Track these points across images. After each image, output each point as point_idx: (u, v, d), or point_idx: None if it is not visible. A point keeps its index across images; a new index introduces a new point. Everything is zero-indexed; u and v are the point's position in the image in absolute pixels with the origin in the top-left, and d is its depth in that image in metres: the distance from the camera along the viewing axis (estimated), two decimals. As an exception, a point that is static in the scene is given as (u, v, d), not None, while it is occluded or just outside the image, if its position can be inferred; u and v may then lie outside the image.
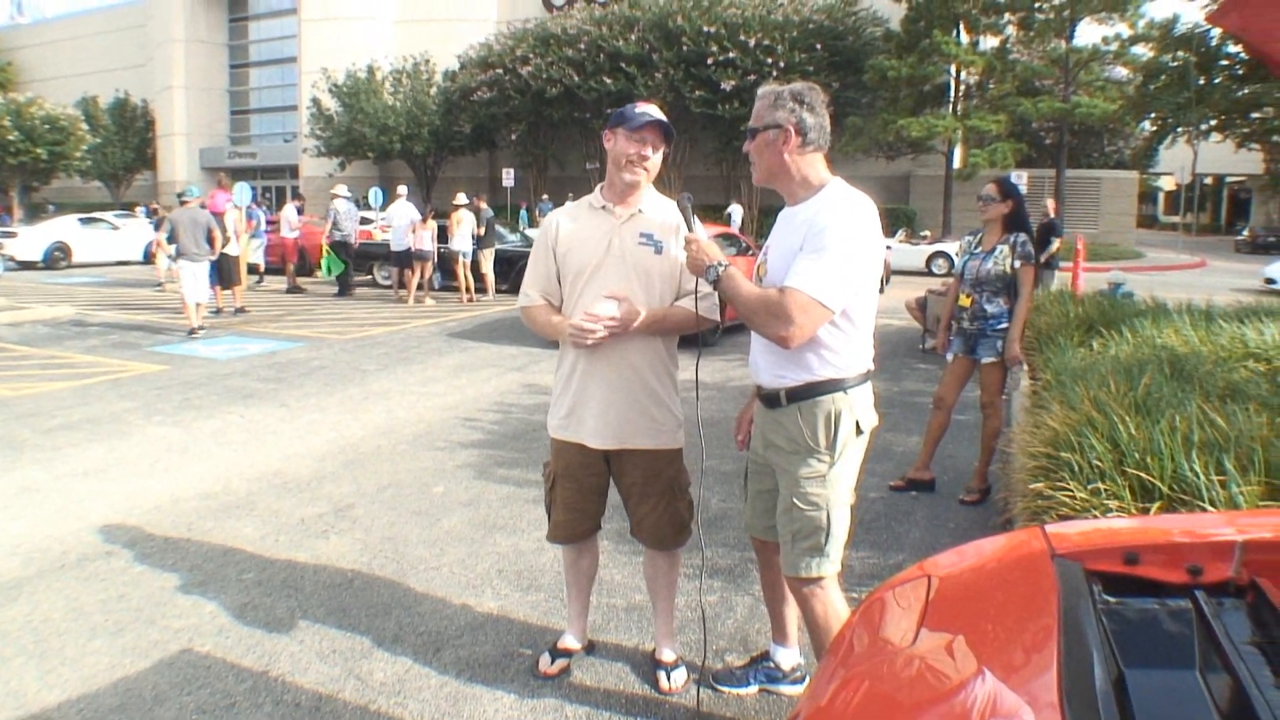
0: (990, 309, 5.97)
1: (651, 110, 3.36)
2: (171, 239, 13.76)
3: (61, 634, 4.20)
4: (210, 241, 13.86)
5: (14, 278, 23.02)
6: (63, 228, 28.17)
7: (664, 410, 3.51)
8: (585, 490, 3.63)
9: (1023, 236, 5.94)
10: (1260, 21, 2.33)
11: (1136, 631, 1.74)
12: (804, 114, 2.99)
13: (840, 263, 2.83)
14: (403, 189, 19.76)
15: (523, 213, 35.17)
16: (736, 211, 31.32)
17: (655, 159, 3.39)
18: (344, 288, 19.46)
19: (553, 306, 3.56)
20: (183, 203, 14.23)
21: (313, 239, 21.58)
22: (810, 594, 3.11)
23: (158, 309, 16.33)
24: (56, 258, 26.95)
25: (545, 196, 36.20)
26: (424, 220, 17.71)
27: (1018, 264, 5.88)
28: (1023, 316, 5.95)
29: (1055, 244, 14.88)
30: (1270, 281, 23.41)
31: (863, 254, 2.90)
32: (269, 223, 22.47)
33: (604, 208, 3.48)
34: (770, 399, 3.14)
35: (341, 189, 20.04)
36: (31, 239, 27.00)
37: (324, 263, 19.95)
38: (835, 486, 3.03)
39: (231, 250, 15.91)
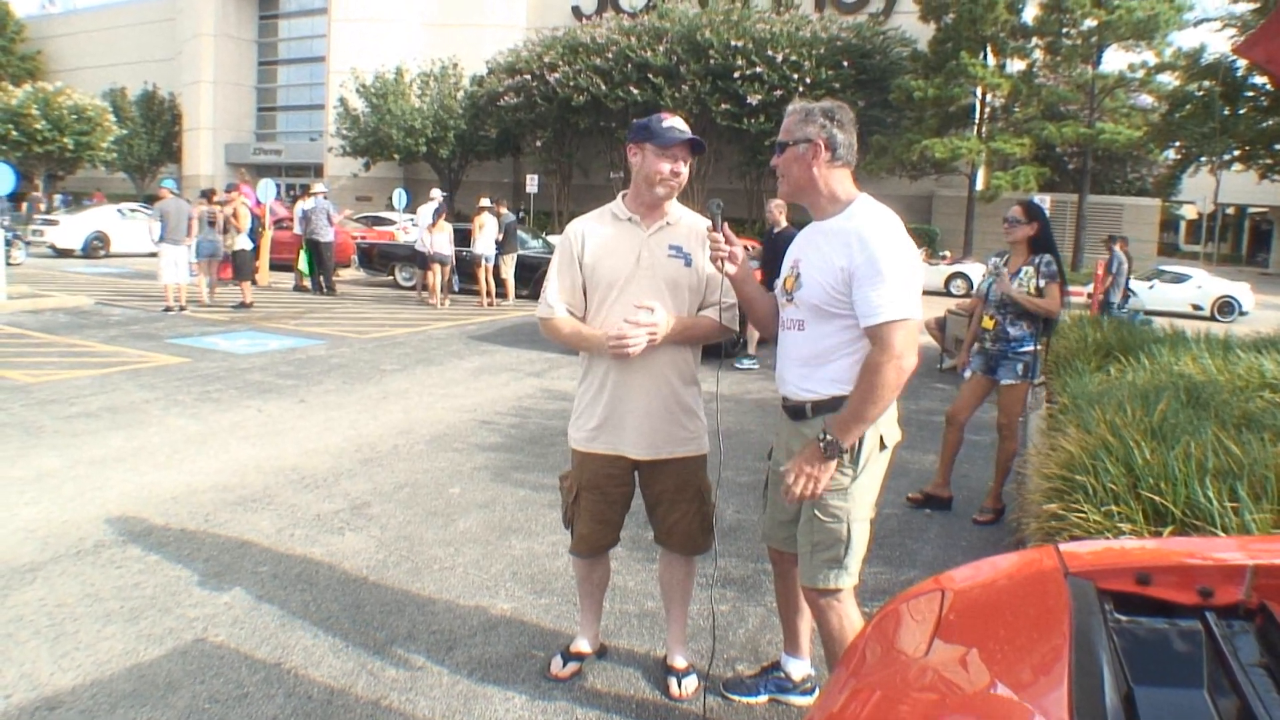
0: (1013, 331, 5.98)
1: (680, 126, 3.38)
2: (164, 229, 15.08)
3: (77, 619, 4.24)
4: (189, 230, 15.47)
5: (35, 265, 23.20)
6: (102, 217, 28.37)
7: (693, 418, 3.54)
8: (612, 501, 3.63)
9: (1048, 257, 5.95)
10: (1288, 55, 2.36)
11: (1147, 650, 1.76)
12: (834, 130, 3.04)
13: (901, 278, 2.87)
14: (436, 192, 19.80)
15: None
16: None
17: (684, 174, 3.42)
18: (316, 286, 19.52)
19: (577, 319, 3.54)
20: (161, 195, 15.91)
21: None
22: (827, 606, 3.13)
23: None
24: (95, 247, 27.16)
25: None
26: (434, 223, 17.71)
27: (1043, 284, 5.89)
28: (1051, 304, 5.93)
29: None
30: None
31: (912, 263, 2.95)
32: (278, 220, 22.38)
33: (630, 219, 3.48)
34: (795, 411, 3.17)
35: (319, 186, 20.04)
36: (71, 228, 27.27)
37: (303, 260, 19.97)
38: (856, 500, 3.04)
39: (242, 244, 16.25)
